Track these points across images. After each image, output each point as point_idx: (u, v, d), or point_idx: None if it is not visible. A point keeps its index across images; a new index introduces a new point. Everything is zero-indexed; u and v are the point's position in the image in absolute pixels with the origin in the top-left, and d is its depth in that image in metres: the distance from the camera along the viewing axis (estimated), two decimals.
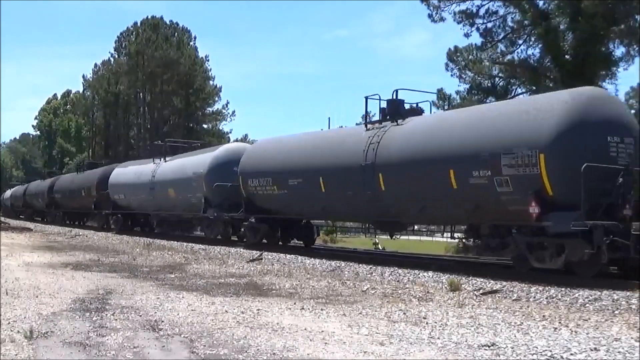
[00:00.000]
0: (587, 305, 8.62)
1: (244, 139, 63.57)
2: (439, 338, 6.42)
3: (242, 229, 19.14)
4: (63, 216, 41.62)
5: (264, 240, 18.63)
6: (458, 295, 9.53)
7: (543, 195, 10.53)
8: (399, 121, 14.18)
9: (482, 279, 10.94)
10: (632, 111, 28.37)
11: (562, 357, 5.63)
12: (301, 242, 19.25)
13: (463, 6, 25.77)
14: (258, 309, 8.10)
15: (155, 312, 7.81)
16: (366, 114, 15.74)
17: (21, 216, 56.04)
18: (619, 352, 5.80)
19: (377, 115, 15.79)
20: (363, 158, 13.88)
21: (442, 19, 26.06)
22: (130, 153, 53.21)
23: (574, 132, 10.39)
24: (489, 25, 25.86)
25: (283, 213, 17.82)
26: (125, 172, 28.47)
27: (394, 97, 14.90)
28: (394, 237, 17.98)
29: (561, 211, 10.27)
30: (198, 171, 21.35)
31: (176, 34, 57.96)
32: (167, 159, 25.03)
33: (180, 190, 22.55)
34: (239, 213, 18.93)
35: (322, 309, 8.19)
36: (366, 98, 15.46)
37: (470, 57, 28.60)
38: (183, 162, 23.21)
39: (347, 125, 19.29)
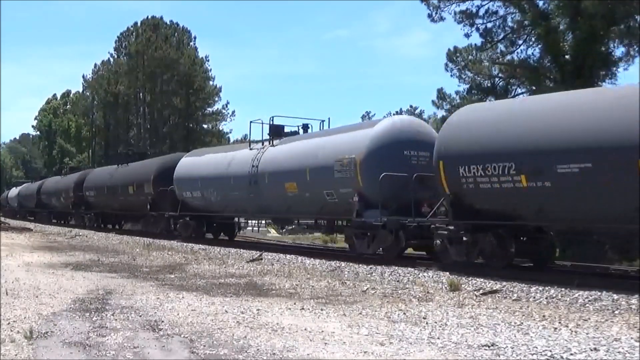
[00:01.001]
0: (587, 305, 8.62)
1: (244, 139, 63.57)
2: (439, 338, 6.43)
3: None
4: (96, 218, 33.66)
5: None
6: (458, 295, 9.53)
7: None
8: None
9: (482, 279, 10.95)
10: None
11: (562, 357, 5.63)
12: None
13: (463, 6, 25.74)
14: (258, 309, 8.10)
15: (155, 312, 7.81)
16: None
17: (30, 218, 50.82)
18: (619, 352, 5.81)
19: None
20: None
21: (442, 19, 26.03)
22: (131, 153, 53.16)
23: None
24: (489, 25, 25.83)
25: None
26: (201, 162, 22.62)
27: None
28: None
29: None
30: (349, 156, 15.34)
31: (176, 34, 57.98)
32: (274, 142, 18.97)
33: (309, 185, 16.57)
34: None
35: (322, 309, 8.19)
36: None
37: (470, 57, 28.59)
38: (316, 143, 17.11)
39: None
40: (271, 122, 19.72)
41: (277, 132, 19.43)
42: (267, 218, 23.39)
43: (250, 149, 19.72)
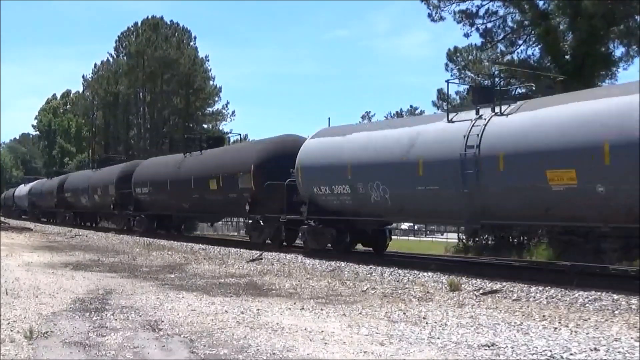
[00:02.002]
0: (587, 305, 8.62)
1: (244, 139, 63.55)
2: (439, 338, 6.43)
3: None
4: (149, 222, 27.20)
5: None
6: (458, 295, 9.53)
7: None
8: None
9: (482, 279, 10.95)
10: None
11: (562, 357, 5.63)
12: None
13: (463, 6, 25.78)
14: (258, 309, 8.10)
15: (155, 312, 7.81)
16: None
17: (43, 219, 45.36)
18: (619, 352, 5.80)
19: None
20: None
21: (442, 19, 26.06)
22: (130, 153, 53.24)
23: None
24: (489, 25, 25.87)
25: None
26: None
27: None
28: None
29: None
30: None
31: (176, 34, 57.96)
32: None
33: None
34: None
35: (322, 309, 8.19)
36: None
37: (470, 57, 28.62)
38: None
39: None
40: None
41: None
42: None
43: (451, 122, 13.06)
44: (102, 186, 30.82)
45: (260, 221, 18.75)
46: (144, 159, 32.47)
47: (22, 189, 54.10)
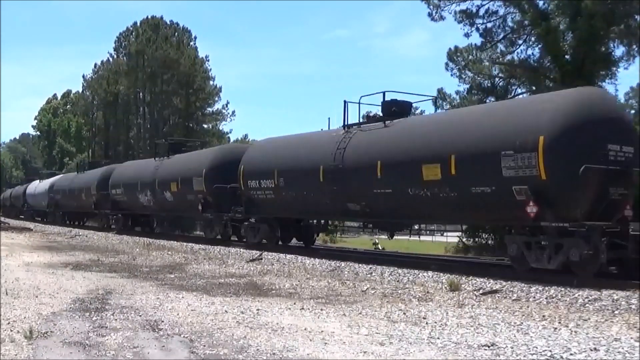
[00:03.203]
0: (587, 305, 8.62)
1: (244, 139, 63.60)
2: (438, 338, 6.43)
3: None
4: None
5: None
6: (458, 295, 9.53)
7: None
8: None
9: (482, 279, 10.94)
10: (632, 111, 28.39)
11: (561, 357, 5.63)
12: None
13: (463, 6, 25.76)
14: (258, 309, 8.10)
15: (155, 312, 7.81)
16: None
17: (66, 222, 38.28)
18: (618, 352, 5.81)
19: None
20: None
21: (442, 18, 26.03)
22: (130, 153, 53.23)
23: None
24: (489, 25, 25.85)
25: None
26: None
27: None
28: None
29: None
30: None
31: (176, 34, 57.93)
32: None
33: None
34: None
35: (321, 309, 8.19)
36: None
37: (470, 57, 28.57)
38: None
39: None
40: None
41: None
42: None
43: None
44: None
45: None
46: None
47: (40, 186, 45.66)
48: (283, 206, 17.42)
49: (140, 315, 7.57)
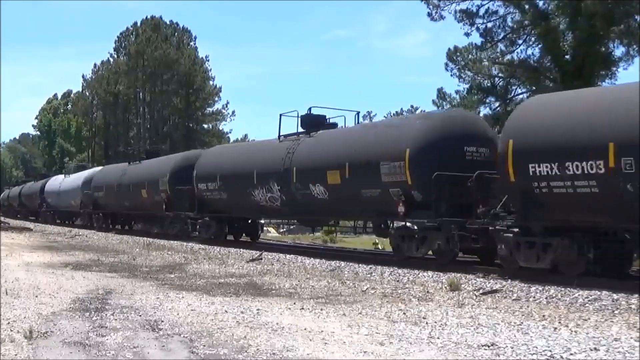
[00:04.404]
0: (587, 305, 8.61)
1: (244, 138, 63.61)
2: (438, 338, 6.42)
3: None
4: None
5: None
6: (458, 295, 9.53)
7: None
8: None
9: (482, 279, 10.94)
10: None
11: (561, 357, 5.63)
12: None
13: (463, 5, 25.78)
14: (258, 309, 8.09)
15: (155, 312, 7.81)
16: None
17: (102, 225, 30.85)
18: (619, 352, 5.80)
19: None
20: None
21: (442, 18, 26.06)
22: (131, 152, 53.17)
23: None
24: (489, 25, 25.87)
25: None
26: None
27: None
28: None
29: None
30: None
31: (176, 34, 58.02)
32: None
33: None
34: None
35: (321, 309, 8.18)
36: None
37: (470, 57, 28.59)
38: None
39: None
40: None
41: None
42: None
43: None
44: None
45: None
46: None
47: (67, 182, 37.87)
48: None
49: (140, 315, 7.56)
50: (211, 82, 58.15)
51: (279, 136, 18.55)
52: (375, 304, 8.68)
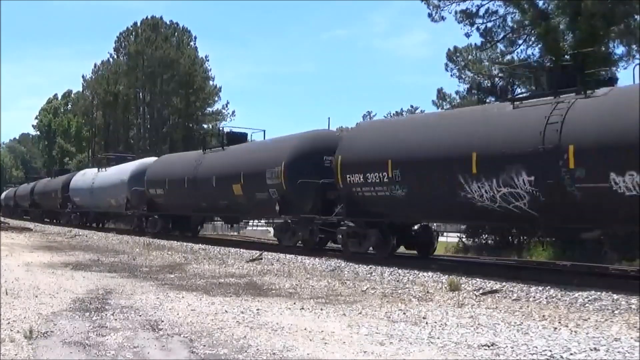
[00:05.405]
0: (587, 305, 8.62)
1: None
2: (438, 338, 6.42)
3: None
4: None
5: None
6: (458, 295, 9.53)
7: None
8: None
9: (482, 279, 10.94)
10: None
11: (561, 357, 5.63)
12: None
13: (463, 5, 25.76)
14: (258, 309, 8.10)
15: (155, 312, 7.81)
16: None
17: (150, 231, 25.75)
18: (619, 352, 5.80)
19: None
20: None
21: (442, 18, 26.04)
22: (131, 152, 53.18)
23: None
24: (489, 25, 25.85)
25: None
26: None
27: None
28: None
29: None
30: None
31: (176, 34, 57.93)
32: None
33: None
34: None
35: (321, 309, 8.19)
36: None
37: (470, 57, 28.59)
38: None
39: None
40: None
41: None
42: None
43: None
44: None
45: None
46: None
47: (103, 176, 31.82)
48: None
49: (140, 315, 7.56)
50: (211, 82, 58.07)
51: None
52: (375, 304, 8.68)
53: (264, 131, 22.56)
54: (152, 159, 29.79)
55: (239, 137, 22.88)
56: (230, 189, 19.91)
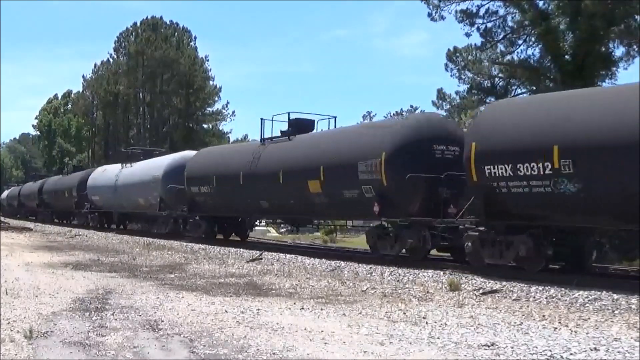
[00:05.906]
0: (587, 305, 8.62)
1: (244, 139, 63.57)
2: (438, 338, 6.42)
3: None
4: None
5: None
6: (458, 295, 9.53)
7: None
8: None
9: (482, 279, 10.94)
10: None
11: (561, 357, 5.63)
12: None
13: (463, 5, 25.80)
14: (258, 309, 8.09)
15: (155, 312, 7.81)
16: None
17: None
18: (618, 352, 5.80)
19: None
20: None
21: (442, 18, 26.08)
22: (131, 152, 53.17)
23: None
24: (489, 25, 25.88)
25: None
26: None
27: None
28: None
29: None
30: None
31: (176, 34, 57.98)
32: None
33: None
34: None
35: (322, 309, 8.18)
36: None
37: (470, 57, 28.59)
38: None
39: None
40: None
41: None
42: None
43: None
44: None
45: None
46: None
47: (127, 173, 28.61)
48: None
49: (140, 315, 7.56)
50: (211, 82, 58.15)
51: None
52: (375, 304, 8.68)
53: (335, 118, 18.67)
54: (191, 152, 25.19)
55: (307, 125, 18.87)
56: (303, 185, 16.29)
